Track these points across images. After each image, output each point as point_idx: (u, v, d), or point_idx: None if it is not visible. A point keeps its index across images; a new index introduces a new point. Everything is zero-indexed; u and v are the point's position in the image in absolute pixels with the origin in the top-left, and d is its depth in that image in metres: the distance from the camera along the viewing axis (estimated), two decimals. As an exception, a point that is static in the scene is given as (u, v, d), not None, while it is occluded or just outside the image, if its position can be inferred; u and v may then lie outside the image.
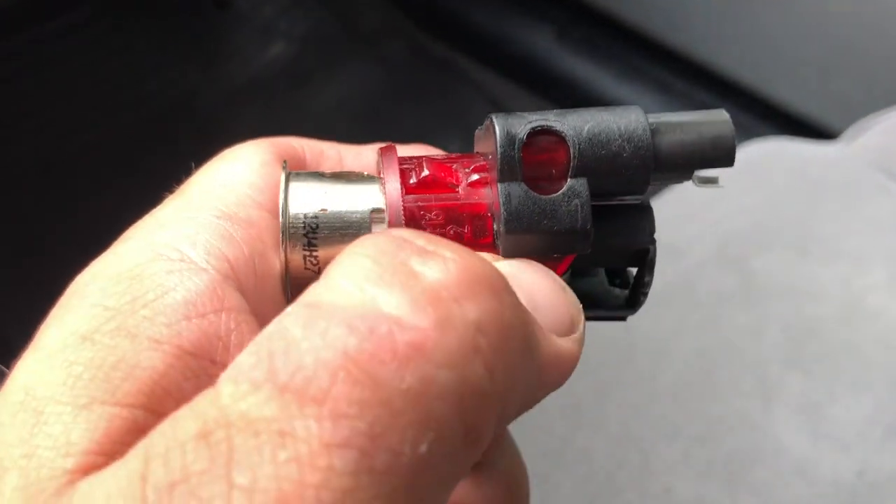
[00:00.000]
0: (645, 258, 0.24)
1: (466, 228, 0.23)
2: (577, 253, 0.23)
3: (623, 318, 0.27)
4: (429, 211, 0.23)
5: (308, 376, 0.16)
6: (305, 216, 0.23)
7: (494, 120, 0.23)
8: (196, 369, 0.20)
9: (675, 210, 0.62)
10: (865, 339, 0.52)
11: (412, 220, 0.23)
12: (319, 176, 0.24)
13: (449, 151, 0.26)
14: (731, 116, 0.95)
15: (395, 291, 0.18)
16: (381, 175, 0.23)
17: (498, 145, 0.22)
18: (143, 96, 1.25)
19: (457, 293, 0.18)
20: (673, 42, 1.10)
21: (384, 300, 0.17)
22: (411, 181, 0.23)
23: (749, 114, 1.04)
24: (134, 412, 0.19)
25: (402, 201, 0.23)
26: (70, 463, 0.18)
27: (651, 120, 0.23)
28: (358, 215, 0.23)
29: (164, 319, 0.21)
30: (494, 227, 0.23)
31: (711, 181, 0.24)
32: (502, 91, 1.25)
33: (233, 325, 0.21)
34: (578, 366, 0.52)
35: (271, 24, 1.33)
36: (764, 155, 0.64)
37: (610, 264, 0.26)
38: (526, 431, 0.49)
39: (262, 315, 0.22)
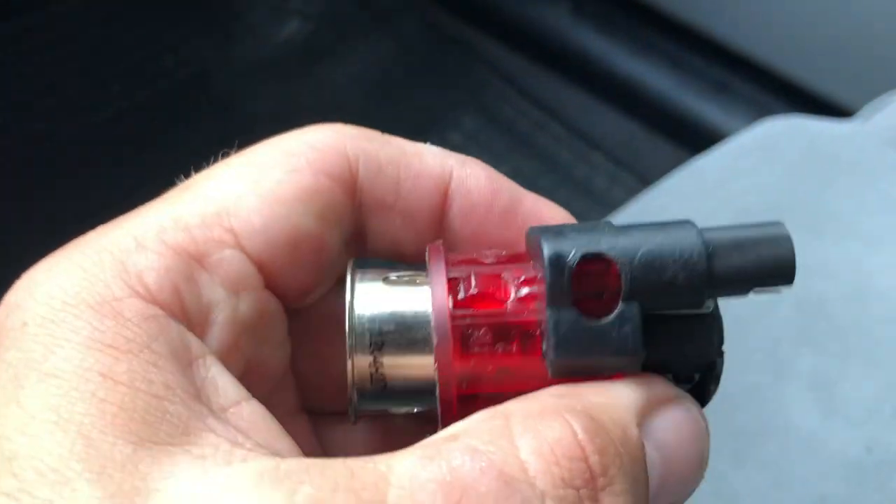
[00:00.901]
0: (711, 371, 0.24)
1: (514, 346, 0.23)
2: (627, 372, 0.22)
3: None
4: (477, 329, 0.23)
5: None
6: (371, 333, 0.23)
7: (543, 242, 0.22)
8: (201, 413, 0.21)
9: (688, 186, 0.62)
10: (877, 318, 0.53)
11: (460, 337, 0.23)
12: (384, 278, 0.24)
13: (461, 129, 0.25)
14: (746, 93, 0.96)
15: None
16: (430, 285, 0.23)
17: (548, 273, 0.21)
18: (158, 74, 1.25)
19: None
20: (688, 18, 1.10)
21: None
22: (459, 296, 0.23)
23: (764, 91, 1.04)
24: None
25: (450, 321, 0.22)
26: None
27: (706, 238, 0.22)
28: (421, 333, 0.23)
29: (164, 365, 0.21)
30: (543, 346, 0.22)
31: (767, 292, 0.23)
32: (516, 67, 1.25)
33: (206, 373, 0.22)
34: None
35: (286, 2, 1.33)
36: (778, 132, 0.64)
37: (673, 373, 0.25)
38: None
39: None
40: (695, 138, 1.04)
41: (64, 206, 1.12)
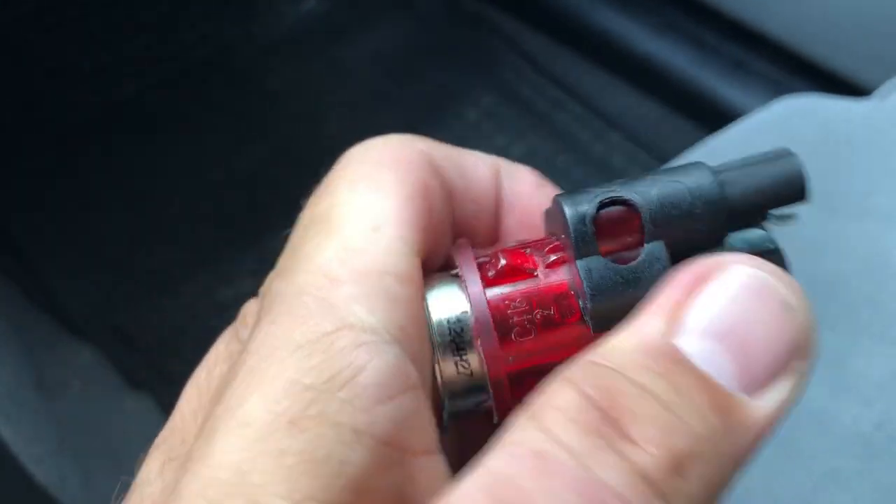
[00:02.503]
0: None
1: (553, 310, 0.23)
2: None
3: None
4: (513, 300, 0.23)
5: None
6: (449, 321, 0.23)
7: (562, 200, 0.22)
8: (390, 460, 0.20)
9: (704, 166, 0.62)
10: (891, 295, 0.53)
11: (498, 312, 0.23)
12: (455, 276, 0.24)
13: (480, 107, 0.26)
14: (764, 72, 0.95)
15: (613, 468, 0.18)
16: (460, 273, 0.24)
17: (570, 224, 0.22)
18: (179, 50, 1.26)
19: (666, 476, 0.18)
20: (708, -3, 1.09)
21: (604, 474, 0.18)
22: (490, 273, 0.23)
23: (781, 69, 1.04)
24: None
25: (486, 296, 0.23)
26: None
27: (717, 169, 0.23)
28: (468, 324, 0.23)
29: (360, 404, 0.20)
30: (580, 304, 0.23)
31: (788, 217, 0.24)
32: (534, 45, 1.25)
33: (415, 406, 0.21)
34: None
35: (305, -22, 1.33)
36: (794, 111, 0.64)
37: None
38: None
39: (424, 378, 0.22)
40: (712, 117, 1.04)
41: (85, 182, 1.14)
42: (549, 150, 1.17)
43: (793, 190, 0.23)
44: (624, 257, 0.22)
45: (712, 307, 0.20)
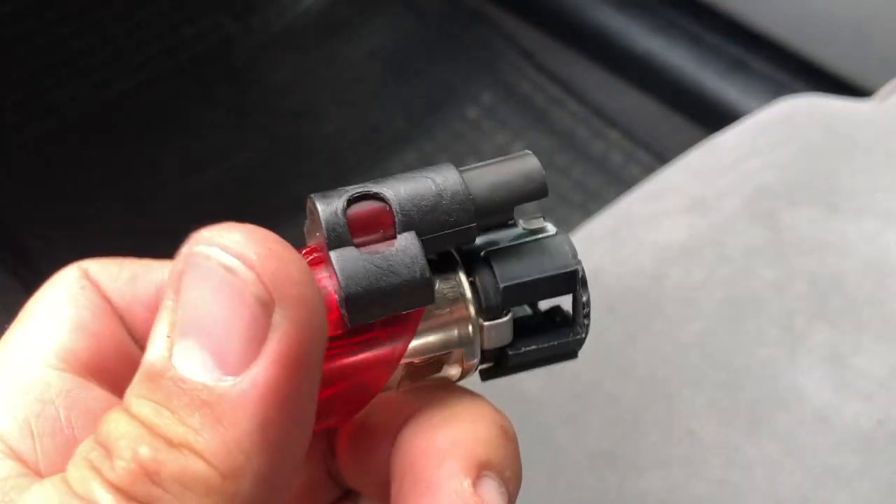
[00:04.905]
0: (575, 280, 0.25)
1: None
2: (423, 305, 0.23)
3: (574, 352, 0.27)
4: None
5: None
6: None
7: (314, 197, 0.23)
8: None
9: (706, 164, 0.63)
10: (891, 294, 0.53)
11: None
12: None
13: (479, 103, 0.26)
14: (765, 72, 0.96)
15: (95, 488, 0.20)
16: None
17: (321, 217, 0.23)
18: (178, 45, 1.26)
19: (138, 483, 0.19)
20: (708, -4, 1.09)
21: (91, 495, 0.20)
22: None
23: (782, 69, 1.04)
24: None
25: None
26: None
27: (463, 168, 0.24)
28: None
29: None
30: (337, 297, 0.23)
31: (539, 231, 0.25)
32: (534, 42, 1.25)
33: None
34: (608, 314, 0.53)
35: (306, -27, 1.33)
36: (796, 111, 0.65)
37: (543, 297, 0.26)
38: (557, 376, 0.51)
39: None
40: (712, 116, 1.04)
41: (85, 177, 1.14)
42: (549, 147, 1.17)
43: (534, 185, 0.24)
44: (378, 249, 0.23)
45: (184, 306, 0.20)
